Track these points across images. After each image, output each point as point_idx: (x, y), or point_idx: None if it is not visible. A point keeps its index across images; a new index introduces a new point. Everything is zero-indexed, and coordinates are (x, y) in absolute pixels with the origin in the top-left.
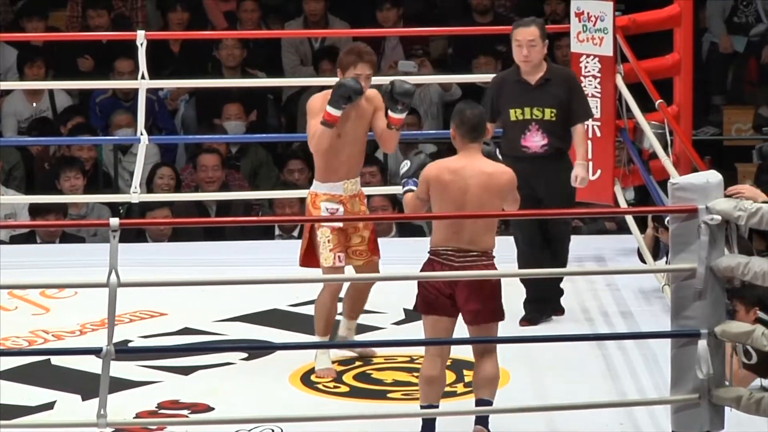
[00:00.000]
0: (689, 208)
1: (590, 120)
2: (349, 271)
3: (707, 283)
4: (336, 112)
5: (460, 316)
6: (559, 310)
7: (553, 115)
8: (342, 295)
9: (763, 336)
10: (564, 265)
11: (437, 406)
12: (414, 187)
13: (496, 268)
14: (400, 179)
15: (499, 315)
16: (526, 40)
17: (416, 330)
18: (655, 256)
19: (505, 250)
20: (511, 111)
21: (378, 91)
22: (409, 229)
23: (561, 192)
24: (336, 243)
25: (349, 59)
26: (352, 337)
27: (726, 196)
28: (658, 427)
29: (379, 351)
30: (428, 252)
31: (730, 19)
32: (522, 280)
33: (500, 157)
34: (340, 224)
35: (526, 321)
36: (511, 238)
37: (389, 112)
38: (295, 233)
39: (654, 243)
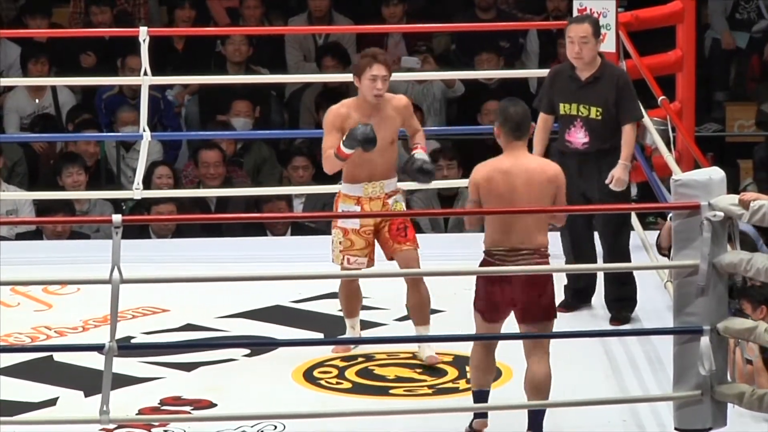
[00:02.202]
0: (692, 205)
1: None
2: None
3: (710, 280)
4: (349, 152)
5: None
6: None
7: (598, 113)
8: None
9: (766, 332)
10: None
11: (487, 392)
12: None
13: (551, 276)
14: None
15: (550, 313)
16: (579, 37)
17: None
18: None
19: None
20: (561, 105)
21: (407, 99)
22: None
23: (610, 192)
24: (348, 245)
25: (364, 62)
26: (425, 347)
27: (741, 201)
28: (661, 424)
29: (381, 347)
30: (483, 252)
31: (732, 15)
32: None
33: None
34: (356, 225)
35: (563, 308)
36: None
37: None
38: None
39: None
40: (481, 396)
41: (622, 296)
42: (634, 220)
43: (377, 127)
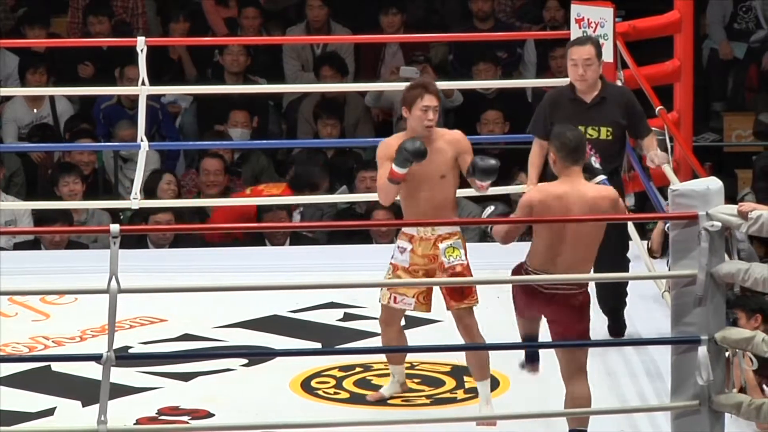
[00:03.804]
0: (690, 215)
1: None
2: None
3: (707, 290)
4: (402, 171)
5: None
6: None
7: (609, 134)
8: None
9: (764, 342)
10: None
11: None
12: (499, 210)
13: (587, 302)
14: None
15: (584, 338)
16: (582, 59)
17: (417, 336)
18: (664, 251)
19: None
20: None
21: (462, 134)
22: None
23: (616, 237)
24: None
25: (415, 93)
26: (483, 403)
27: (740, 212)
28: None
29: (379, 357)
30: (526, 264)
31: (730, 25)
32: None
33: (597, 166)
34: (406, 263)
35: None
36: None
37: (477, 180)
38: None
39: (664, 238)
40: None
41: (615, 309)
42: (632, 230)
43: (428, 159)
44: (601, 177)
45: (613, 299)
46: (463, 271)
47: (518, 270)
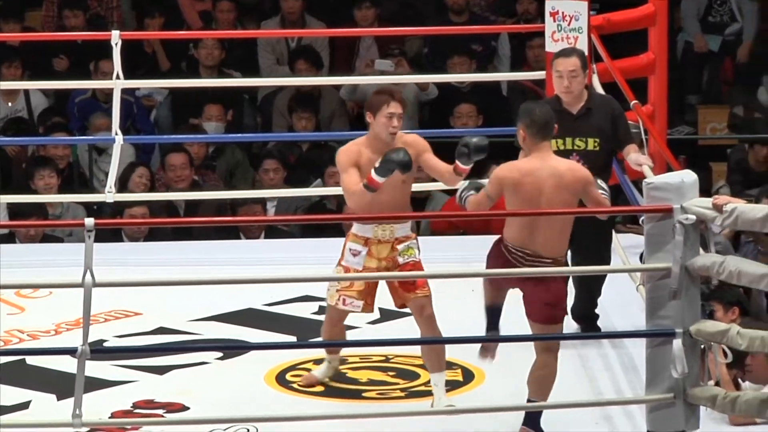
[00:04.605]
0: (664, 208)
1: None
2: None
3: (682, 283)
4: (381, 180)
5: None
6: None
7: (596, 144)
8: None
9: (738, 335)
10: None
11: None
12: (474, 192)
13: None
14: (459, 195)
15: (560, 317)
16: (567, 71)
17: (392, 329)
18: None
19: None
20: (554, 141)
21: (417, 135)
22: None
23: (598, 223)
24: (347, 284)
25: (381, 99)
26: (441, 394)
27: (714, 205)
28: (634, 427)
29: (354, 350)
30: (502, 243)
31: (704, 18)
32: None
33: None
34: (359, 266)
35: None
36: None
37: (459, 162)
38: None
39: None
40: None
41: (588, 314)
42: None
43: None
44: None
45: (587, 306)
46: (414, 266)
47: (496, 246)
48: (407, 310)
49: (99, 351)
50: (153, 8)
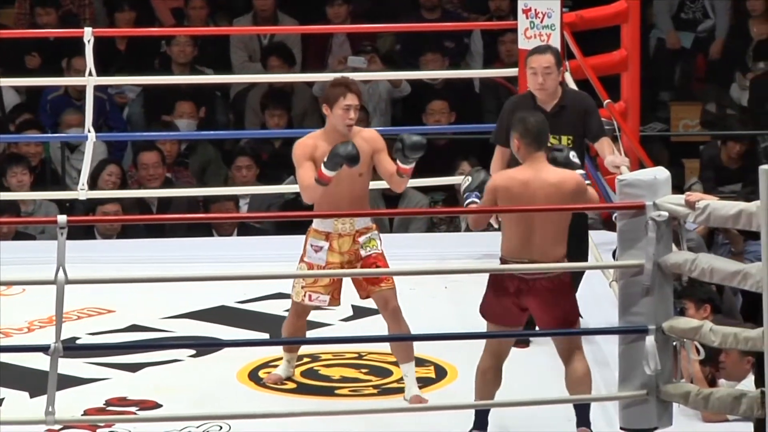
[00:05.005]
0: (637, 205)
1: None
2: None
3: (654, 280)
4: (330, 174)
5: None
6: None
7: (569, 141)
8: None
9: (711, 332)
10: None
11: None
12: (477, 200)
13: (569, 281)
14: (462, 193)
15: (573, 321)
16: (542, 68)
17: (364, 326)
18: None
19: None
20: None
21: (377, 132)
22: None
23: (577, 221)
24: (312, 281)
25: (337, 91)
26: (411, 384)
27: (687, 202)
28: (608, 424)
29: (327, 347)
30: (500, 259)
31: (677, 15)
32: None
33: (575, 160)
34: (322, 262)
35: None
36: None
37: (398, 162)
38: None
39: None
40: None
41: None
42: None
43: None
44: (580, 172)
45: None
46: (377, 258)
47: (491, 277)
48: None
49: (72, 348)
50: (123, 2)
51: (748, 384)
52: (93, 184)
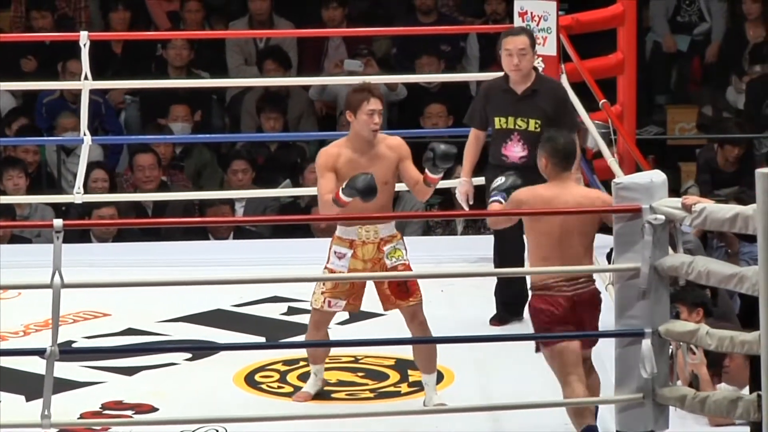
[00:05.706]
0: (633, 208)
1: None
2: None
3: (651, 283)
4: (348, 200)
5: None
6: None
7: (537, 126)
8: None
9: (708, 335)
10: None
11: (595, 427)
12: (502, 200)
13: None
14: (490, 191)
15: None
16: (517, 49)
17: (360, 330)
18: None
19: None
20: (497, 119)
21: (402, 140)
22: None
23: None
24: (332, 287)
25: (360, 96)
26: (432, 393)
27: (684, 205)
28: (604, 427)
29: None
30: (531, 289)
31: (673, 18)
32: (498, 282)
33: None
34: (344, 268)
35: (496, 321)
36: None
37: (427, 171)
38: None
39: None
40: None
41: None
42: None
43: (371, 164)
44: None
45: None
46: (405, 269)
47: (538, 301)
48: (378, 310)
49: (68, 352)
50: (118, 3)
51: None
52: (86, 188)
